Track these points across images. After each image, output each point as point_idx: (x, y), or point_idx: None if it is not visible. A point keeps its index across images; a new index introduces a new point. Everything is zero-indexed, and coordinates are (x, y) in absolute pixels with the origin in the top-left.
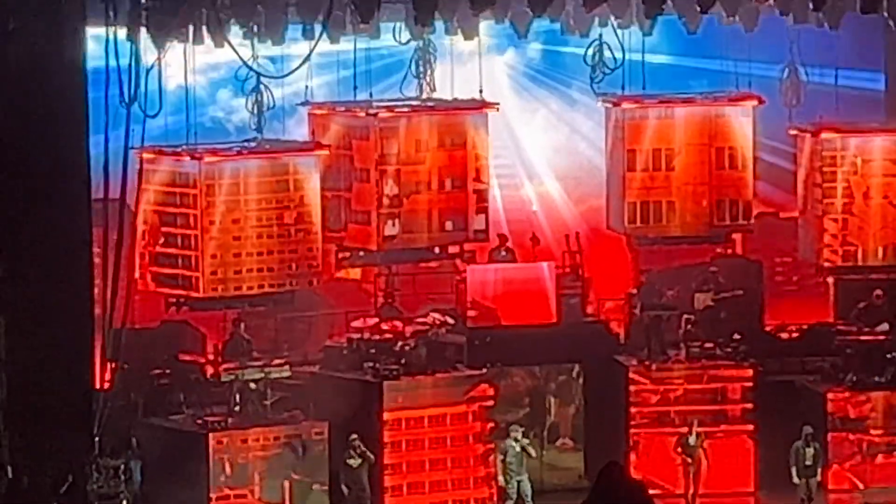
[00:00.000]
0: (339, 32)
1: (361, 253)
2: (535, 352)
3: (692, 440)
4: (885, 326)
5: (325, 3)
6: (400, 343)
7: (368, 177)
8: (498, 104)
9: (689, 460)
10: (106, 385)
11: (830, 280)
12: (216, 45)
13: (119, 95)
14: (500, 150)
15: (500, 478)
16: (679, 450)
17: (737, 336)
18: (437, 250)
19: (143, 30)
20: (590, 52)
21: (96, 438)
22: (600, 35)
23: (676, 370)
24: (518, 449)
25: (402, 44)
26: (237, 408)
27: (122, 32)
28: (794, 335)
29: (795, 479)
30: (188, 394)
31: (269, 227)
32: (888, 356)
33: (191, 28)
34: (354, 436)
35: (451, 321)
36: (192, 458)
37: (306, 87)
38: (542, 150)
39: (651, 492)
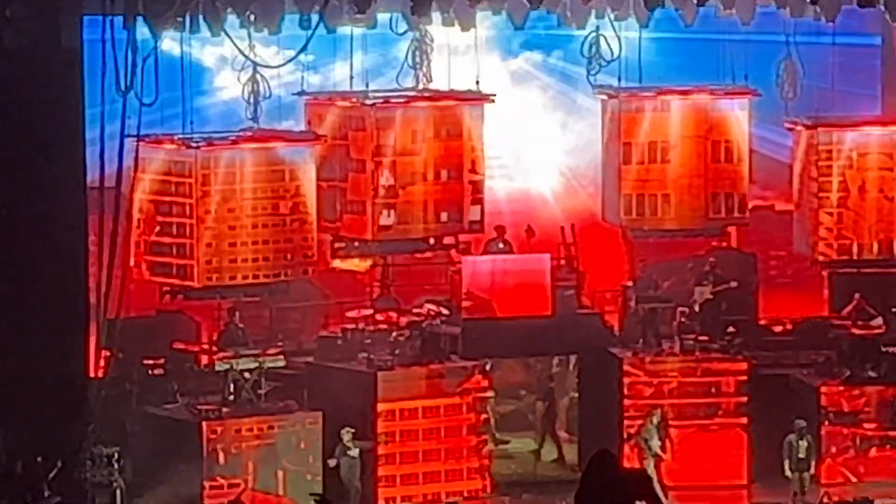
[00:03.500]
0: (335, 22)
1: (356, 243)
2: (530, 344)
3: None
4: (879, 321)
5: None
6: (395, 334)
7: (364, 167)
8: (494, 95)
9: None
10: (100, 374)
11: (825, 274)
12: (213, 34)
13: (115, 84)
14: (497, 141)
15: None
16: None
17: (731, 329)
18: (432, 241)
19: (139, 18)
20: (586, 44)
21: (90, 427)
22: (597, 27)
23: (670, 363)
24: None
25: (399, 34)
26: (231, 397)
27: (119, 21)
28: (788, 329)
29: (788, 473)
30: (182, 383)
31: (263, 216)
32: (882, 350)
33: (187, 17)
34: (350, 429)
35: (445, 312)
36: (185, 447)
37: (302, 76)
38: (538, 141)
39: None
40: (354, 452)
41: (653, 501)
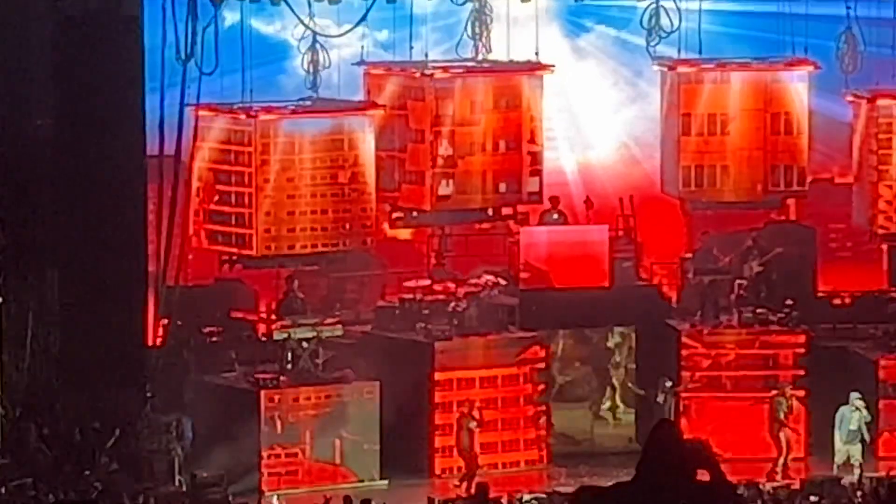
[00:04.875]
0: None
1: (415, 213)
2: (588, 315)
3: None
4: None
5: None
6: (452, 304)
7: (423, 137)
8: (553, 66)
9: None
10: (158, 342)
11: (884, 247)
12: (272, 3)
13: (175, 52)
14: (556, 111)
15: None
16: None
17: (789, 302)
18: (490, 212)
19: None
20: (646, 15)
21: (148, 395)
22: None
23: (728, 335)
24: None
25: (459, 4)
26: (289, 366)
27: None
28: (847, 302)
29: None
30: (240, 351)
31: (322, 186)
32: None
33: None
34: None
35: (503, 283)
36: (243, 416)
37: (362, 46)
38: (598, 112)
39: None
40: (472, 425)
41: (714, 471)
